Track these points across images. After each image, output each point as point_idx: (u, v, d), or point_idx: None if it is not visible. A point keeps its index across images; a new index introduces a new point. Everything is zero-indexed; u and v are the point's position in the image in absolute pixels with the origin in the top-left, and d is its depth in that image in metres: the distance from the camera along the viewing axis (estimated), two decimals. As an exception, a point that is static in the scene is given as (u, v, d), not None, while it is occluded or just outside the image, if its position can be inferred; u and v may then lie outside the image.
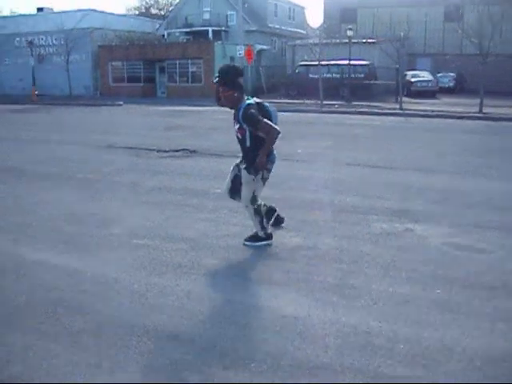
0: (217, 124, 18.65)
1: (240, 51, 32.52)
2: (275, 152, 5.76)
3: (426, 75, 34.95)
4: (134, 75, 38.21)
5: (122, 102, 31.02)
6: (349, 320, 4.13)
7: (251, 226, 6.36)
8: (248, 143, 5.61)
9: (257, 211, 5.75)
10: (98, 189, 8.82)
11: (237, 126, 5.58)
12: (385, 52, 30.28)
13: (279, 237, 6.14)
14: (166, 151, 12.60)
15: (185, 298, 4.56)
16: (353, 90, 29.95)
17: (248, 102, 5.50)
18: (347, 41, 30.38)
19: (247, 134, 5.56)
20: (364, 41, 35.70)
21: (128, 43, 39.99)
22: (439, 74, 36.99)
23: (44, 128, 19.75)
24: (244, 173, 5.66)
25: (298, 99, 29.99)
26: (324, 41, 30.57)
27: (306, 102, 28.30)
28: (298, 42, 40.70)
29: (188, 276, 5.05)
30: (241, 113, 5.44)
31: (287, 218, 6.60)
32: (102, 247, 5.91)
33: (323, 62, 28.96)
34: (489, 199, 8.08)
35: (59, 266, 5.32)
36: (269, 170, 5.70)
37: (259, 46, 38.63)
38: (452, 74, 37.30)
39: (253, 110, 5.41)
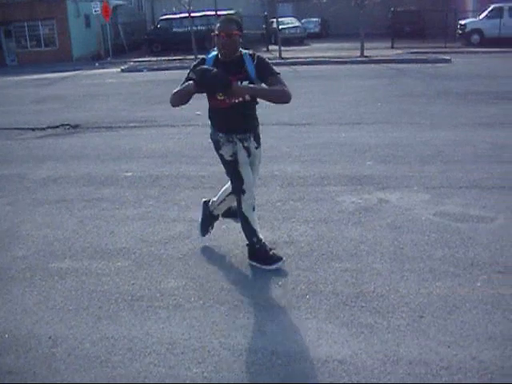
0: (90, 90, 16.47)
1: (96, 8, 29.72)
2: None
3: (292, 21, 34.19)
4: (-26, 42, 33.80)
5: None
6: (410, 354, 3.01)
7: (193, 220, 5.01)
8: (255, 105, 4.07)
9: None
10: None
11: (245, 83, 3.83)
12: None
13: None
14: (43, 129, 10.54)
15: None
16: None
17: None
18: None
19: None
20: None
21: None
22: (303, 20, 36.48)
23: None
24: (260, 153, 4.21)
25: (163, 56, 27.86)
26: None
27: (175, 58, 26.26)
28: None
29: (146, 316, 3.62)
30: (250, 59, 3.84)
31: None
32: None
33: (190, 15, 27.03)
34: (439, 152, 7.32)
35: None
36: None
37: (114, 2, 35.62)
38: (316, 20, 37.01)
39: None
